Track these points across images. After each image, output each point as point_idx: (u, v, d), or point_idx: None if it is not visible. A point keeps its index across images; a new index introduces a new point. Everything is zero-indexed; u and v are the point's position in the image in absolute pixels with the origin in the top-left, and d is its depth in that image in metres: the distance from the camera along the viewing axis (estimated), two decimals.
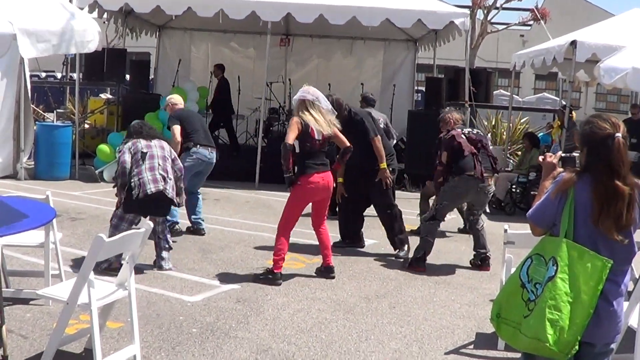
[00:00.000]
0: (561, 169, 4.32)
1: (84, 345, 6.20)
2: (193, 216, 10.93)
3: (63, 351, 5.99)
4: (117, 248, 5.72)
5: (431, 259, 10.15)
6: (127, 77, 19.50)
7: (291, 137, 8.42)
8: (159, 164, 8.47)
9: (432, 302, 8.22)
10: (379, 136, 10.10)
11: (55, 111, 18.15)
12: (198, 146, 10.48)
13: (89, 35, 15.01)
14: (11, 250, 8.53)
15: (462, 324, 7.54)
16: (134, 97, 18.01)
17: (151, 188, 8.28)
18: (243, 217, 11.94)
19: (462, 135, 9.87)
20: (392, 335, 7.05)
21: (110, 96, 22.68)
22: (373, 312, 7.73)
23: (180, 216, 10.82)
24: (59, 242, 7.62)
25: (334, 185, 9.49)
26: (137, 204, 8.34)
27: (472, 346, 6.96)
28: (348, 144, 8.94)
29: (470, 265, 10.08)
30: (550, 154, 4.51)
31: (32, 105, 16.71)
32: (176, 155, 8.97)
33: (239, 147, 19.06)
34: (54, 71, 30.24)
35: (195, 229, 10.95)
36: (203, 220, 11.02)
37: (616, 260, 3.97)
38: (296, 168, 8.67)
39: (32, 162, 16.00)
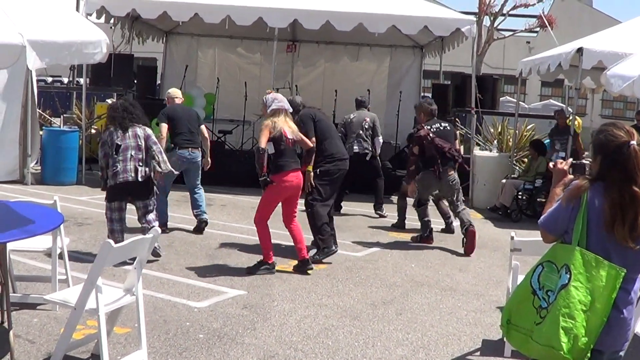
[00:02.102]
0: (571, 176, 4.31)
1: (91, 350, 6.20)
2: (195, 210, 11.50)
3: (70, 356, 5.99)
4: (125, 253, 5.73)
5: (437, 266, 10.18)
6: (135, 82, 19.50)
7: (263, 142, 8.81)
8: (131, 155, 9.01)
9: (439, 309, 8.21)
10: (313, 139, 9.95)
11: (61, 116, 18.15)
12: (177, 148, 11.15)
13: (96, 47, 15.03)
14: (18, 254, 8.55)
15: (469, 331, 7.52)
16: (141, 103, 17.88)
17: (120, 178, 8.93)
18: (250, 222, 11.86)
19: (430, 134, 11.18)
20: (398, 342, 7.04)
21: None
22: (379, 318, 7.72)
23: (181, 220, 10.80)
24: (66, 247, 7.62)
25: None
26: (113, 191, 9.04)
27: (478, 353, 6.95)
28: (311, 145, 9.53)
29: (463, 234, 11.16)
30: (560, 160, 4.50)
31: (38, 110, 16.72)
32: (150, 132, 9.36)
33: None
34: (60, 76, 30.25)
35: (198, 222, 11.46)
36: (205, 212, 11.56)
37: (628, 268, 3.96)
38: (271, 168, 8.99)
39: (39, 167, 16.02)
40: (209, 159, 11.62)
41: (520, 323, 4.08)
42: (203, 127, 11.66)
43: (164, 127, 11.08)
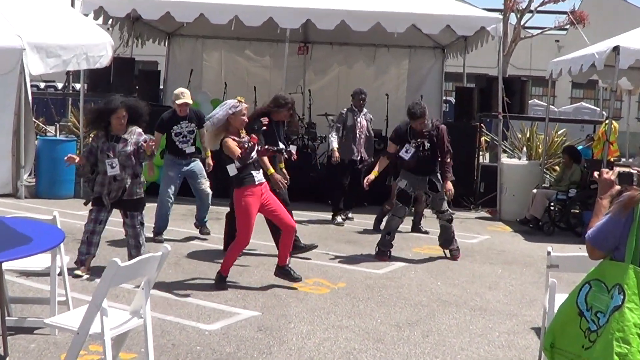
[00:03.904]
0: (619, 187, 4.25)
1: None
2: (197, 220, 12.50)
3: None
4: (132, 273, 5.69)
5: (465, 283, 10.13)
6: (136, 87, 19.46)
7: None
8: (113, 166, 9.29)
9: (468, 331, 8.15)
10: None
11: (56, 124, 18.13)
12: (167, 153, 12.12)
13: (101, 49, 15.03)
14: (13, 275, 8.53)
15: (502, 354, 7.47)
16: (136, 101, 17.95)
17: (98, 192, 9.40)
18: (262, 238, 11.88)
19: None
20: None
21: None
22: (405, 341, 7.67)
23: (188, 235, 10.79)
24: (66, 266, 7.58)
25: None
26: (95, 201, 9.46)
27: None
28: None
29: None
30: (606, 169, 4.44)
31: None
32: (140, 131, 9.59)
33: None
34: (54, 81, 30.32)
35: (200, 231, 12.44)
36: (205, 221, 12.48)
37: None
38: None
39: (33, 180, 16.01)
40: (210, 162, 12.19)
41: (566, 347, 4.03)
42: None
43: (158, 136, 11.77)
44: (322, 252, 11.59)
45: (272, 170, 10.37)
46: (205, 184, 12.16)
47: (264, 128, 10.10)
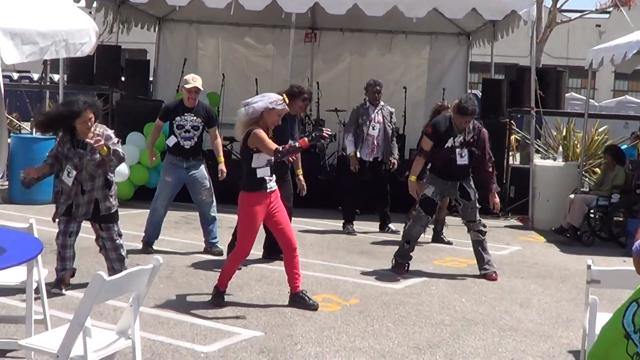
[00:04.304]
0: None
1: None
2: (206, 242, 12.17)
3: None
4: (119, 288, 5.70)
5: (493, 300, 10.13)
6: (122, 79, 19.49)
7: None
8: (70, 175, 9.21)
9: (497, 354, 8.16)
10: None
11: (32, 120, 18.14)
12: (167, 153, 11.97)
13: (84, 36, 14.97)
14: None
15: None
16: (131, 104, 18.03)
17: (64, 200, 9.35)
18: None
19: None
20: None
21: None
22: None
23: (181, 245, 10.80)
24: (44, 280, 7.57)
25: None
26: (63, 209, 9.41)
27: None
28: None
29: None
30: None
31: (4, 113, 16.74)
32: (110, 133, 9.50)
33: None
34: (29, 72, 30.41)
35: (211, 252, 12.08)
36: (215, 242, 12.12)
37: None
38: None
39: (6, 183, 16.05)
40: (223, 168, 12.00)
41: None
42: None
43: (159, 125, 11.99)
44: (332, 264, 11.62)
45: (301, 170, 10.50)
46: (208, 194, 11.90)
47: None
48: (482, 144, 11.25)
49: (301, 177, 11.38)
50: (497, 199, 11.36)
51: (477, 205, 11.36)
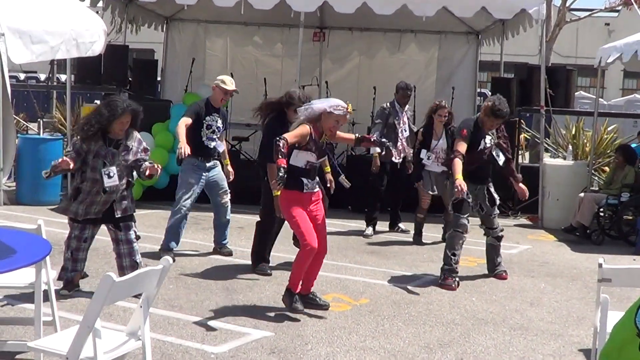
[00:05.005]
0: None
1: None
2: (216, 242, 12.09)
3: None
4: (129, 289, 5.69)
5: (503, 299, 10.12)
6: (130, 79, 19.48)
7: None
8: (111, 176, 8.97)
9: (508, 353, 8.14)
10: None
11: (39, 120, 18.10)
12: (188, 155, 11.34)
13: (93, 35, 14.94)
14: None
15: None
16: (139, 104, 17.96)
17: (82, 203, 9.02)
18: (273, 248, 11.92)
19: None
20: None
21: None
22: None
23: (191, 246, 10.80)
24: (52, 282, 7.55)
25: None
26: (79, 210, 9.07)
27: None
28: None
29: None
30: None
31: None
32: (140, 137, 9.43)
33: None
34: (36, 72, 30.41)
35: (220, 252, 12.04)
36: (225, 243, 12.07)
37: None
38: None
39: (14, 184, 16.03)
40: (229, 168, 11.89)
41: None
42: None
43: (183, 122, 11.44)
44: (342, 264, 11.61)
45: (329, 168, 10.59)
46: (227, 195, 11.80)
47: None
48: (505, 140, 11.22)
49: (330, 175, 11.38)
50: (524, 186, 11.25)
51: (497, 211, 11.30)
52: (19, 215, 13.62)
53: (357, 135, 9.84)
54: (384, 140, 9.88)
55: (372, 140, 9.75)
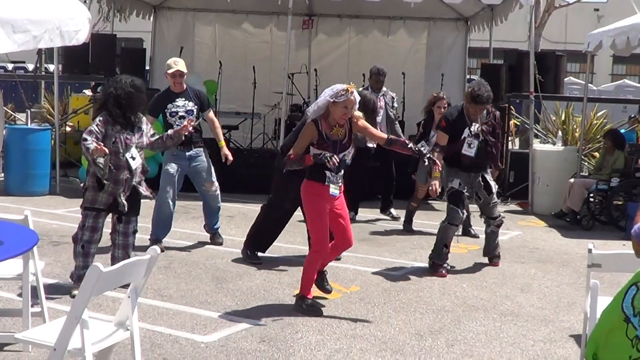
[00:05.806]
0: None
1: None
2: (207, 228, 12.01)
3: None
4: (116, 279, 5.67)
5: (494, 285, 10.12)
6: (118, 68, 19.45)
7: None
8: (134, 157, 8.90)
9: (499, 339, 8.14)
10: None
11: (28, 111, 18.04)
12: None
13: (78, 24, 14.86)
14: None
15: None
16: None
17: (111, 192, 8.83)
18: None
19: None
20: None
21: (96, 92, 22.70)
22: (427, 351, 7.67)
23: (180, 235, 10.78)
24: (41, 272, 7.51)
25: None
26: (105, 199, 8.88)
27: None
28: None
29: None
30: None
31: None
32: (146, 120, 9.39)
33: None
34: (24, 62, 30.32)
35: (212, 240, 11.99)
36: (217, 228, 12.00)
37: None
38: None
39: (2, 174, 15.99)
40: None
41: (610, 357, 4.01)
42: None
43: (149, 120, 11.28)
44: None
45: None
46: (214, 185, 11.60)
47: None
48: (497, 127, 11.01)
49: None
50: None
51: (497, 199, 11.15)
52: (7, 206, 13.57)
53: (389, 135, 9.56)
54: (422, 148, 9.33)
55: (407, 146, 8.91)
